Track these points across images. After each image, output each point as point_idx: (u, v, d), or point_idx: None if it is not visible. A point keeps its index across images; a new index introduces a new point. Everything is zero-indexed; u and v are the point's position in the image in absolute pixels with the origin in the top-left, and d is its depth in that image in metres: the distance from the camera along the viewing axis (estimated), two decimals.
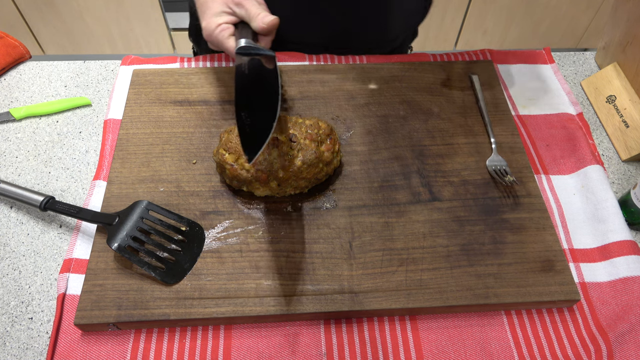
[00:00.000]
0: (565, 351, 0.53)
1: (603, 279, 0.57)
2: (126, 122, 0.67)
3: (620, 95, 0.73)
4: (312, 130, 0.59)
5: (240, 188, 0.59)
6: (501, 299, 0.53)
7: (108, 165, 0.64)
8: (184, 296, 0.53)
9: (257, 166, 0.56)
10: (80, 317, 0.51)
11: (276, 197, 0.60)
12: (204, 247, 0.56)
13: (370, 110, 0.69)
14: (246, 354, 0.52)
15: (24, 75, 0.77)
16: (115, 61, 0.79)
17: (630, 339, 0.53)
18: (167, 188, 0.61)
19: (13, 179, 0.65)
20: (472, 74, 0.73)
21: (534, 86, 0.76)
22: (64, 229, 0.61)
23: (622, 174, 0.69)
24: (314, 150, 0.58)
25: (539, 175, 0.66)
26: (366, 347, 0.53)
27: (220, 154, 0.58)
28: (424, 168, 0.64)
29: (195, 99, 0.69)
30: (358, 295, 0.53)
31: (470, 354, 0.52)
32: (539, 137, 0.70)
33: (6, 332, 0.54)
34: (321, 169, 0.59)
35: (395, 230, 0.58)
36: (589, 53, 0.84)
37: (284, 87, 0.71)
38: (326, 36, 0.78)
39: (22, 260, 0.58)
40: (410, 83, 0.72)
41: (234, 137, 0.58)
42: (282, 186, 0.58)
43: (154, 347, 0.52)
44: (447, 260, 0.56)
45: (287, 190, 0.59)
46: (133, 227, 0.56)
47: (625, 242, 0.59)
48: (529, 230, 0.59)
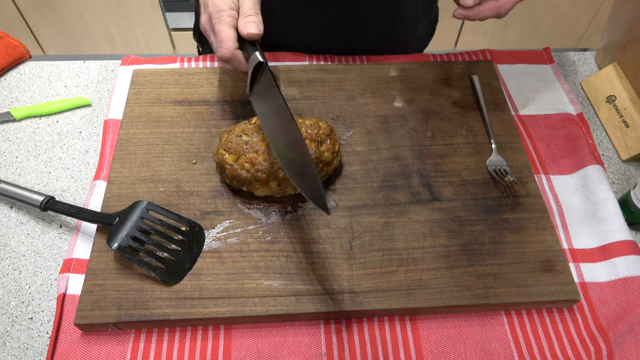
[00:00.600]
0: (565, 351, 0.53)
1: (603, 279, 0.57)
2: (126, 122, 0.67)
3: (620, 95, 0.74)
4: (312, 130, 0.59)
5: (240, 188, 0.59)
6: (501, 299, 0.53)
7: (108, 165, 0.64)
8: (184, 296, 0.53)
9: (257, 166, 0.56)
10: (80, 317, 0.51)
11: (276, 197, 0.60)
12: (204, 247, 0.56)
13: (370, 110, 0.69)
14: (246, 354, 0.52)
15: (24, 75, 0.77)
16: (115, 61, 0.79)
17: (630, 339, 0.53)
18: (167, 188, 0.61)
19: (13, 179, 0.65)
20: (472, 74, 0.73)
21: (534, 86, 0.76)
22: (64, 229, 0.61)
23: (622, 174, 0.69)
24: (314, 150, 0.58)
25: (539, 175, 0.66)
26: (366, 347, 0.53)
27: (220, 154, 0.58)
28: (424, 168, 0.64)
29: (195, 99, 0.69)
30: (358, 295, 0.53)
31: (470, 354, 0.52)
32: (538, 137, 0.70)
33: (6, 332, 0.54)
34: (321, 169, 0.59)
35: (395, 230, 0.58)
36: (589, 53, 0.84)
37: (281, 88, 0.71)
38: (326, 39, 0.78)
39: (22, 260, 0.58)
40: (410, 83, 0.72)
41: (234, 137, 0.58)
42: (282, 186, 0.58)
43: (154, 347, 0.52)
44: (447, 260, 0.56)
45: (287, 190, 0.59)
46: (133, 227, 0.56)
47: (625, 242, 0.59)
48: (528, 230, 0.59)
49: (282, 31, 0.77)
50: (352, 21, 0.77)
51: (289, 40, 0.78)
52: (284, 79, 0.72)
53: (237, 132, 0.58)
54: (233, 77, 0.72)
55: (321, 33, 0.78)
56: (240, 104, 0.69)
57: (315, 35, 0.78)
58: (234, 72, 0.72)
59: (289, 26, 0.78)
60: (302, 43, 0.78)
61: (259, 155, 0.57)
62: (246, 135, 0.58)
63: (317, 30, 0.78)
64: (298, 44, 0.78)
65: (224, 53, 0.56)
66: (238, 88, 0.71)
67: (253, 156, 0.56)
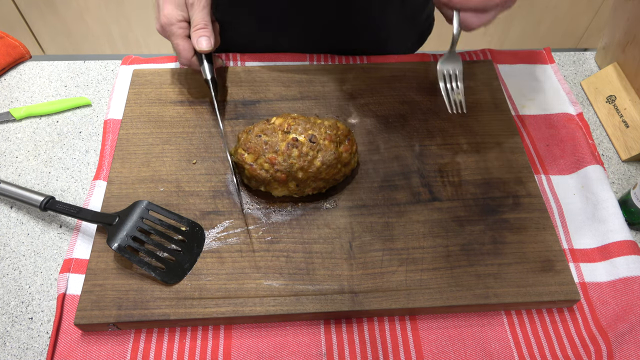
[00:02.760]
0: (565, 351, 0.53)
1: (603, 279, 0.57)
2: (126, 122, 0.67)
3: (620, 95, 0.74)
4: (331, 131, 0.59)
5: (258, 188, 0.59)
6: (501, 299, 0.53)
7: (108, 165, 0.64)
8: (184, 296, 0.53)
9: (276, 166, 0.56)
10: (80, 317, 0.51)
11: (276, 197, 0.60)
12: (204, 247, 0.56)
13: (370, 110, 0.69)
14: (246, 354, 0.52)
15: (24, 75, 0.77)
16: (115, 61, 0.79)
17: (630, 339, 0.53)
18: (167, 188, 0.61)
19: (13, 179, 0.65)
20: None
21: (534, 86, 0.76)
22: (64, 229, 0.61)
23: (622, 174, 0.69)
24: (333, 151, 0.58)
25: (539, 175, 0.66)
26: (366, 347, 0.53)
27: (240, 153, 0.58)
28: (424, 168, 0.64)
29: (195, 99, 0.69)
30: (358, 295, 0.53)
31: (470, 354, 0.52)
32: (539, 137, 0.70)
33: (6, 332, 0.54)
34: (339, 169, 0.59)
35: (395, 230, 0.58)
36: (589, 53, 0.84)
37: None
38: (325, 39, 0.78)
39: (22, 260, 0.58)
40: (410, 83, 0.72)
41: (253, 137, 0.58)
42: (301, 187, 0.58)
43: (154, 347, 0.52)
44: (447, 260, 0.56)
45: (305, 190, 0.59)
46: (133, 227, 0.56)
47: (625, 242, 0.59)
48: (529, 230, 0.59)
49: (281, 29, 0.78)
50: (345, 19, 0.77)
51: (287, 38, 0.78)
52: (285, 78, 0.72)
53: (257, 132, 0.58)
54: (233, 77, 0.72)
55: (322, 37, 0.78)
56: (241, 104, 0.69)
57: (314, 32, 0.78)
58: (233, 73, 0.72)
59: (285, 24, 0.78)
60: (301, 41, 0.78)
61: (278, 155, 0.57)
62: (265, 136, 0.58)
63: (314, 28, 0.78)
64: (297, 42, 0.78)
65: (182, 62, 0.65)
66: (238, 88, 0.71)
67: (272, 156, 0.57)
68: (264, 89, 0.71)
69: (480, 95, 0.71)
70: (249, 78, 0.72)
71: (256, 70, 0.73)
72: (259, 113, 0.68)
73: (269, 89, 0.71)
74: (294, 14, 0.75)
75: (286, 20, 0.76)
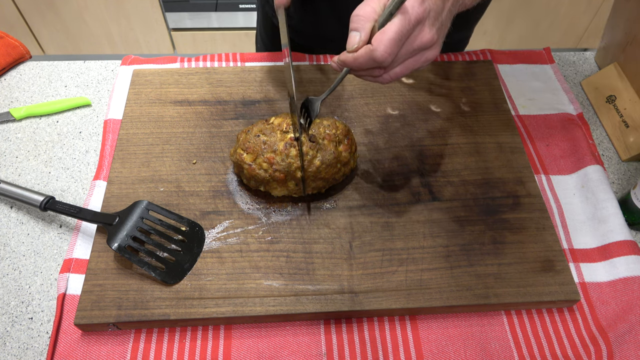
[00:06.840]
0: (565, 351, 0.53)
1: (603, 279, 0.57)
2: (126, 122, 0.67)
3: (620, 95, 0.74)
4: (330, 130, 0.59)
5: (258, 188, 0.59)
6: (501, 299, 0.53)
7: (108, 165, 0.64)
8: (184, 296, 0.53)
9: (275, 166, 0.56)
10: (80, 317, 0.51)
11: (276, 197, 0.60)
12: (204, 247, 0.56)
13: (370, 110, 0.69)
14: (246, 354, 0.52)
15: (24, 75, 0.77)
16: (115, 61, 0.79)
17: (630, 339, 0.53)
18: (167, 188, 0.61)
19: (13, 179, 0.65)
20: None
21: (534, 86, 0.76)
22: (64, 229, 0.61)
23: (622, 174, 0.69)
24: (332, 150, 0.57)
25: (539, 175, 0.66)
26: (366, 347, 0.53)
27: (238, 153, 0.58)
28: (424, 168, 0.64)
29: (195, 99, 0.69)
30: (358, 295, 0.53)
31: (470, 354, 0.52)
32: (539, 137, 0.70)
33: (6, 332, 0.54)
34: (339, 169, 0.59)
35: (395, 230, 0.58)
36: (589, 53, 0.84)
37: None
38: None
39: (22, 260, 0.58)
40: (410, 83, 0.72)
41: (252, 137, 0.58)
42: (300, 186, 0.58)
43: (154, 347, 0.52)
44: (447, 260, 0.56)
45: (305, 190, 0.59)
46: (133, 227, 0.56)
47: (625, 242, 0.59)
48: (529, 230, 0.59)
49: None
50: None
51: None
52: (284, 78, 0.72)
53: (255, 132, 0.58)
54: (233, 77, 0.72)
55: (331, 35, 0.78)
56: (241, 104, 0.69)
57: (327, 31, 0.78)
58: (233, 73, 0.72)
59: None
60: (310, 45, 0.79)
61: (276, 155, 0.56)
62: (264, 135, 0.58)
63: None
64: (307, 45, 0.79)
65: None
66: (238, 88, 0.71)
67: (271, 156, 0.56)
68: (264, 89, 0.71)
69: (480, 95, 0.71)
70: (249, 78, 0.72)
71: (256, 70, 0.73)
72: (259, 113, 0.68)
73: (269, 89, 0.71)
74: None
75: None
